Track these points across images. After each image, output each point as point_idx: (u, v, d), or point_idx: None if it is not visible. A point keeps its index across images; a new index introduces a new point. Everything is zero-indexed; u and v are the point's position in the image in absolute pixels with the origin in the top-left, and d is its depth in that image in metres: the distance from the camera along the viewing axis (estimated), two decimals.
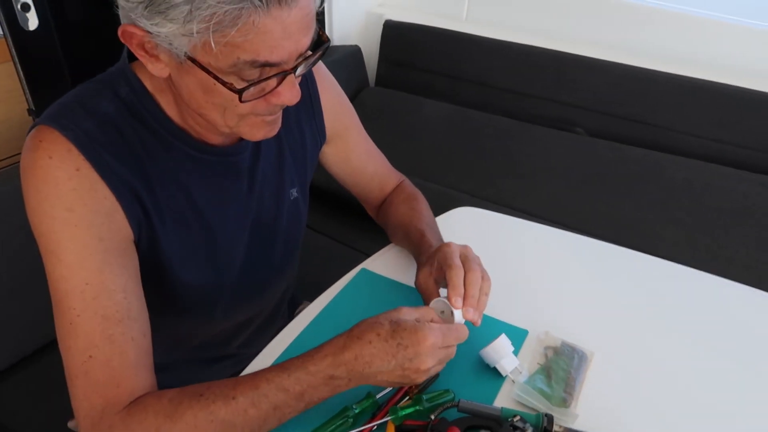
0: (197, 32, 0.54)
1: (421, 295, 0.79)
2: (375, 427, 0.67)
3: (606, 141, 1.44)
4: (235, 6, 0.53)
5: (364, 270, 0.94)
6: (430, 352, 0.63)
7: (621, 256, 0.97)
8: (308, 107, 0.87)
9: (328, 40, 0.65)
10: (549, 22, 1.63)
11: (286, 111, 0.82)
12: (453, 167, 1.53)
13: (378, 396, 0.70)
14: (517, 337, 0.80)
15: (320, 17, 1.82)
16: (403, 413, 0.67)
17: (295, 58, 0.61)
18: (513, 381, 0.72)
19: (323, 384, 0.63)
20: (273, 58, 0.58)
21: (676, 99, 1.39)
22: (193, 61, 0.58)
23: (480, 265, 0.76)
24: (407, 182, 1.05)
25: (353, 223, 1.08)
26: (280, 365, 0.64)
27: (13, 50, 1.13)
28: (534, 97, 1.58)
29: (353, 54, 1.84)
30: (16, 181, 0.69)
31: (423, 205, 0.97)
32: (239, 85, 0.59)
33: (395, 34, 1.82)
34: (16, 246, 1.07)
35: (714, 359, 0.78)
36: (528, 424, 0.63)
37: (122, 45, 0.66)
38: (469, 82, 1.68)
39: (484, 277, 0.75)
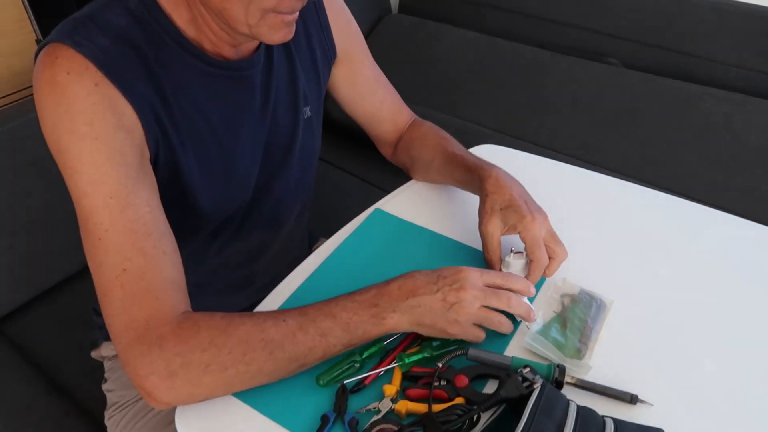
0: None
1: (483, 242, 0.77)
2: (381, 372, 0.66)
3: (640, 72, 1.34)
4: None
5: (378, 210, 0.91)
6: (471, 281, 0.64)
7: (650, 199, 0.92)
8: (317, 24, 0.85)
9: None
10: None
11: (298, 30, 0.80)
12: (476, 101, 1.46)
13: (386, 342, 0.68)
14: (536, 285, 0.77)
15: None
16: (410, 360, 0.66)
17: None
18: (527, 327, 0.69)
19: (368, 313, 0.63)
20: None
21: (717, 26, 1.28)
22: None
23: (563, 246, 0.75)
24: (421, 119, 1.00)
25: (370, 156, 1.04)
26: (327, 300, 0.65)
27: None
28: (565, 24, 1.47)
29: None
30: (29, 114, 0.67)
31: (454, 140, 0.94)
32: None
33: None
34: (30, 181, 1.07)
35: (744, 315, 0.74)
36: (538, 376, 0.61)
37: None
38: (495, 8, 1.57)
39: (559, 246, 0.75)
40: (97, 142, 0.61)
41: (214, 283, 0.91)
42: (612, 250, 0.83)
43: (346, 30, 0.90)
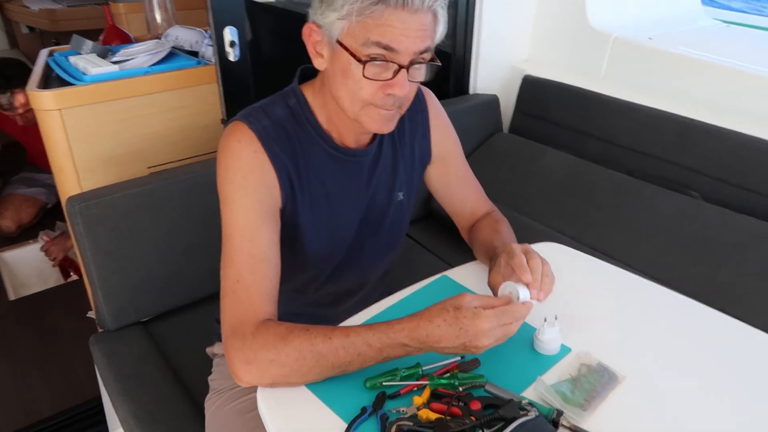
0: (346, 15, 0.80)
1: (492, 291, 0.94)
2: (415, 387, 0.84)
3: (718, 207, 1.45)
4: (373, 1, 0.78)
5: (444, 276, 1.11)
6: (486, 333, 0.78)
7: (708, 317, 1.02)
8: (420, 130, 1.09)
9: (439, 62, 0.88)
10: (678, 86, 1.69)
11: (403, 129, 1.06)
12: (561, 213, 1.64)
13: (424, 368, 0.86)
14: (561, 352, 0.92)
15: (466, 68, 2.04)
16: (440, 382, 0.83)
17: (409, 57, 0.83)
18: (542, 379, 0.84)
19: (398, 347, 0.80)
20: (392, 44, 0.81)
21: None
22: (341, 44, 0.83)
23: (539, 255, 0.90)
24: (498, 211, 1.20)
25: (460, 246, 1.25)
26: (369, 325, 0.81)
27: (219, 74, 1.51)
28: (654, 157, 1.63)
29: (491, 102, 2.03)
30: (209, 169, 0.99)
31: (505, 228, 1.12)
32: (366, 58, 0.82)
33: (531, 88, 1.98)
34: (199, 216, 1.41)
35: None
36: (534, 408, 0.76)
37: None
38: (593, 137, 1.78)
39: (544, 262, 0.90)
40: (246, 191, 0.89)
41: (308, 315, 1.15)
42: (644, 345, 0.93)
43: (443, 136, 1.12)
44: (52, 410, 1.80)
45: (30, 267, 2.69)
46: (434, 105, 1.12)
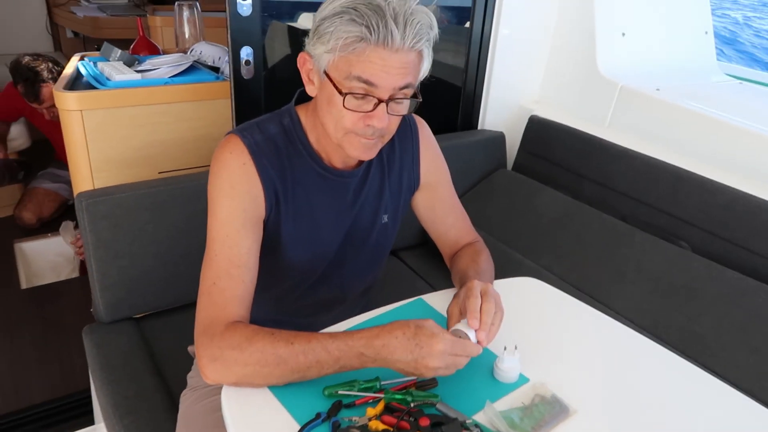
0: (331, 49, 0.86)
1: (447, 320, 0.98)
2: (370, 400, 0.87)
3: (705, 259, 1.46)
4: (357, 35, 0.84)
5: (420, 299, 1.15)
6: (438, 355, 0.81)
7: (665, 359, 1.04)
8: (409, 159, 1.14)
9: (420, 98, 0.94)
10: (677, 138, 1.73)
11: (393, 156, 1.12)
12: (551, 251, 1.67)
13: (382, 382, 0.90)
14: (519, 381, 0.95)
15: (475, 103, 2.10)
16: (394, 397, 0.87)
17: (389, 92, 0.89)
18: (491, 405, 0.87)
19: (355, 357, 0.84)
20: (372, 79, 0.87)
21: None
22: (327, 75, 0.90)
23: (497, 300, 0.93)
24: (481, 242, 1.24)
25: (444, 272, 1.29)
26: (331, 334, 0.86)
27: (232, 90, 1.60)
28: (648, 205, 1.66)
29: (497, 139, 2.09)
30: None
31: (483, 258, 1.15)
32: (347, 91, 0.88)
33: (537, 128, 2.03)
34: (196, 223, 1.46)
35: None
36: (478, 429, 0.79)
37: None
38: (591, 180, 1.82)
39: (497, 309, 0.92)
40: (231, 199, 0.95)
41: (287, 323, 1.19)
42: (602, 384, 0.96)
43: (433, 164, 1.18)
44: (43, 397, 1.86)
45: (45, 259, 2.79)
46: (425, 135, 1.17)
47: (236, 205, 0.95)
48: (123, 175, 1.67)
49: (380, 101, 0.89)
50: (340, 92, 0.89)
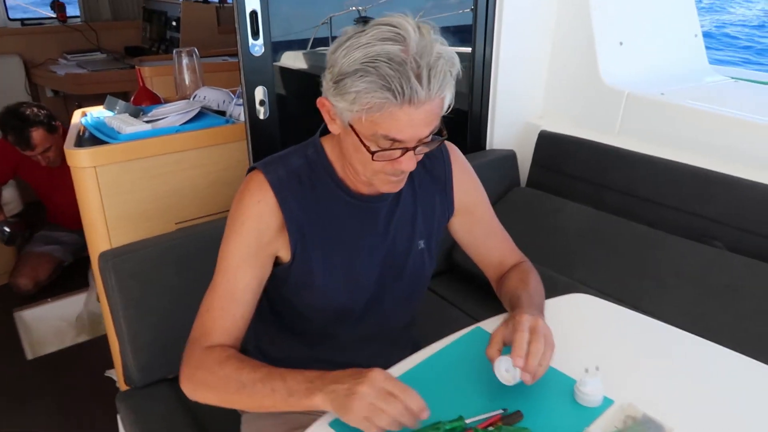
0: (356, 111, 0.85)
1: (489, 341, 0.94)
2: None
3: (743, 257, 1.45)
4: (383, 100, 0.82)
5: (478, 328, 1.11)
6: (372, 382, 0.79)
7: (736, 363, 1.02)
8: (442, 184, 1.12)
9: (445, 134, 0.93)
10: (694, 138, 1.73)
11: (424, 181, 1.10)
12: (584, 264, 1.64)
13: (467, 420, 0.86)
14: (604, 404, 0.91)
15: (482, 124, 2.10)
16: None
17: (416, 141, 0.88)
18: None
19: (304, 387, 0.83)
20: (399, 136, 0.86)
21: None
22: (352, 128, 0.88)
23: (547, 337, 0.90)
24: (528, 262, 1.21)
25: (485, 301, 1.25)
26: (290, 370, 0.87)
27: (248, 131, 1.57)
28: (674, 208, 1.65)
29: (508, 157, 2.08)
30: None
31: (533, 278, 1.12)
32: (374, 148, 0.88)
33: (548, 142, 2.03)
34: None
35: None
36: None
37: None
38: (611, 189, 1.81)
39: (547, 347, 0.88)
40: (239, 235, 0.96)
41: (326, 362, 1.15)
42: (687, 399, 0.93)
43: (468, 188, 1.15)
44: None
45: (48, 325, 2.69)
46: (458, 159, 1.15)
47: (242, 241, 0.96)
48: (140, 230, 1.61)
49: (407, 149, 0.89)
50: (369, 150, 0.88)
